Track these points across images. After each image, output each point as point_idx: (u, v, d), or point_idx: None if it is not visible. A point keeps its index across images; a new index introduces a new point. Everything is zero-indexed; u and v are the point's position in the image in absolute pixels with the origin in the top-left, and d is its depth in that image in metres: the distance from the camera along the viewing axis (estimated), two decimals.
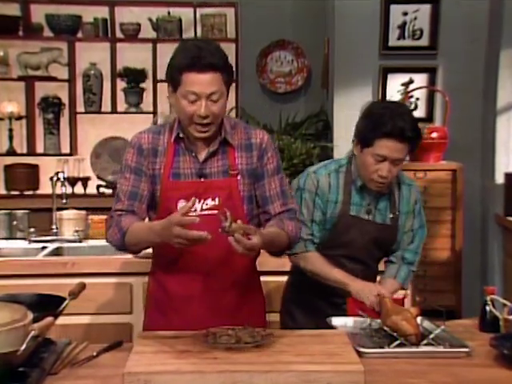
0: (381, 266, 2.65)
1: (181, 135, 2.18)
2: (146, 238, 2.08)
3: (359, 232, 2.45)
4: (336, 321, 2.24)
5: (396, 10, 4.24)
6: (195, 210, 2.13)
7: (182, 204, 2.12)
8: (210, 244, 1.95)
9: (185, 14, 5.36)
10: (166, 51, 5.34)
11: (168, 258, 2.20)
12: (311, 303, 2.53)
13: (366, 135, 2.36)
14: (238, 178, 2.19)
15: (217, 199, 2.16)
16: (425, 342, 2.05)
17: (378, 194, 2.46)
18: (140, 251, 2.23)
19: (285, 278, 2.90)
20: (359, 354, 1.93)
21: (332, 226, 2.46)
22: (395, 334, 2.09)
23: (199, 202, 2.15)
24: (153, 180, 2.19)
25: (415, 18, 4.26)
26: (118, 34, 5.38)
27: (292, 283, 2.65)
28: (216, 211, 2.11)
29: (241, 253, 1.94)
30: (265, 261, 2.37)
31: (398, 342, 2.06)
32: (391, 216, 2.48)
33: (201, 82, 2.05)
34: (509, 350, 1.93)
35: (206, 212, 2.15)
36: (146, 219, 2.24)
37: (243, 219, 2.14)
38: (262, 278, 2.39)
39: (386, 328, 2.13)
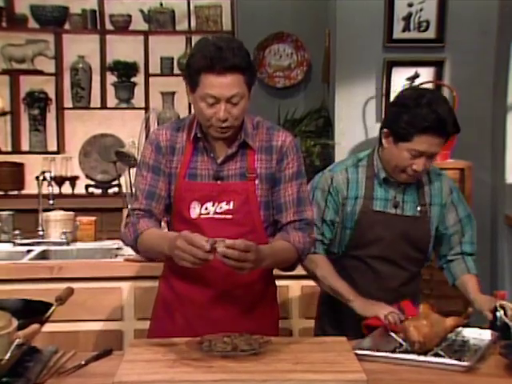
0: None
1: (199, 135, 2.19)
2: (157, 247, 2.08)
3: (385, 228, 2.40)
4: None
5: (401, 0, 4.24)
6: (208, 213, 2.17)
7: (194, 205, 2.16)
8: None
9: (178, 5, 5.37)
10: (158, 44, 5.38)
11: None
12: (347, 323, 2.43)
13: (403, 129, 2.29)
14: (256, 182, 2.19)
15: (231, 203, 2.17)
16: (433, 351, 2.05)
17: (403, 185, 2.43)
18: (151, 259, 2.25)
19: (290, 283, 2.91)
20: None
21: (354, 223, 2.41)
22: (401, 339, 2.11)
23: (213, 204, 2.17)
24: (169, 179, 2.21)
25: (421, 10, 4.26)
26: (108, 26, 5.38)
27: (324, 299, 2.58)
28: (230, 216, 2.15)
29: (235, 268, 1.91)
30: None
31: (403, 347, 2.08)
32: (419, 208, 2.44)
33: (220, 84, 2.04)
34: None
35: (219, 216, 2.17)
36: (163, 224, 2.27)
37: (259, 225, 2.19)
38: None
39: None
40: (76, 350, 2.08)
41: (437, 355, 2.03)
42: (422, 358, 2.00)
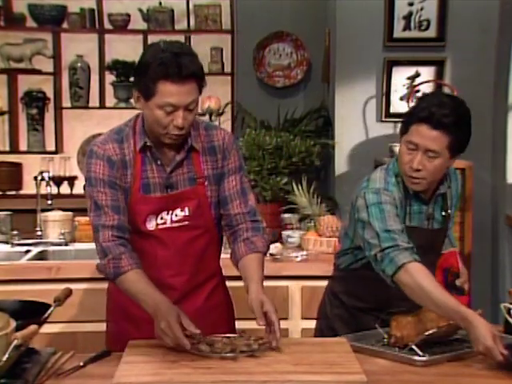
0: None
1: (148, 143, 2.18)
2: (140, 300, 2.07)
3: (416, 243, 2.26)
4: None
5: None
6: (165, 223, 2.21)
7: (149, 217, 2.20)
8: (176, 252, 2.16)
9: (177, 4, 5.36)
10: None
11: None
12: (356, 317, 2.45)
13: (404, 122, 2.32)
14: (205, 184, 2.23)
15: (186, 209, 2.22)
16: (408, 347, 2.08)
17: (435, 196, 2.39)
18: None
19: (290, 283, 2.92)
20: None
21: None
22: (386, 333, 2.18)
23: (168, 213, 2.21)
24: (125, 193, 2.20)
25: (422, 9, 4.26)
26: (107, 25, 5.37)
27: (334, 293, 2.55)
28: (187, 222, 2.21)
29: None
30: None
31: (384, 340, 2.16)
32: (443, 214, 2.43)
33: (179, 92, 2.04)
34: None
35: (176, 224, 2.22)
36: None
37: (212, 225, 2.27)
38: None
39: None
40: (74, 351, 2.08)
41: (411, 350, 2.06)
42: (378, 348, 2.10)
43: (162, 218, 2.21)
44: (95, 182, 2.18)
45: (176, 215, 2.21)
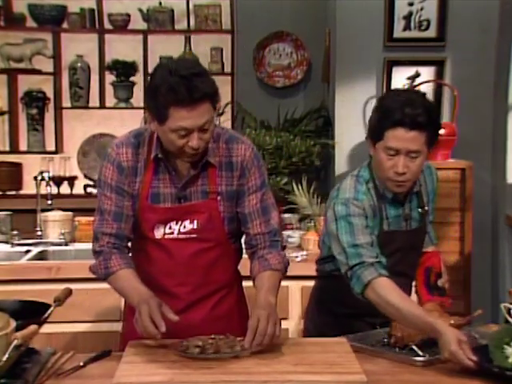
0: None
1: (160, 155, 2.17)
2: (127, 296, 2.12)
3: (396, 246, 2.35)
4: None
5: None
6: (172, 233, 2.19)
7: (158, 226, 2.18)
8: (182, 263, 2.14)
9: (177, 4, 5.36)
10: (158, 43, 5.37)
11: (144, 268, 2.23)
12: (344, 324, 2.42)
13: (376, 128, 2.27)
14: (218, 198, 2.20)
15: (195, 222, 2.19)
16: (408, 347, 2.09)
17: (408, 196, 2.38)
18: None
19: (290, 283, 2.92)
20: None
21: None
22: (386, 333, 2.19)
23: (177, 223, 2.19)
24: (133, 199, 2.20)
25: (422, 9, 4.26)
26: (107, 25, 5.37)
27: (320, 300, 2.55)
28: (195, 235, 2.19)
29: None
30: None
31: (385, 340, 2.17)
32: (420, 211, 2.42)
33: (192, 116, 2.00)
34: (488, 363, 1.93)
35: (183, 236, 2.20)
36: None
37: (224, 239, 2.23)
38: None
39: None
40: (74, 351, 2.08)
41: (411, 350, 2.07)
42: (378, 348, 2.11)
43: (170, 228, 2.19)
44: (103, 185, 2.20)
45: (184, 227, 2.19)
